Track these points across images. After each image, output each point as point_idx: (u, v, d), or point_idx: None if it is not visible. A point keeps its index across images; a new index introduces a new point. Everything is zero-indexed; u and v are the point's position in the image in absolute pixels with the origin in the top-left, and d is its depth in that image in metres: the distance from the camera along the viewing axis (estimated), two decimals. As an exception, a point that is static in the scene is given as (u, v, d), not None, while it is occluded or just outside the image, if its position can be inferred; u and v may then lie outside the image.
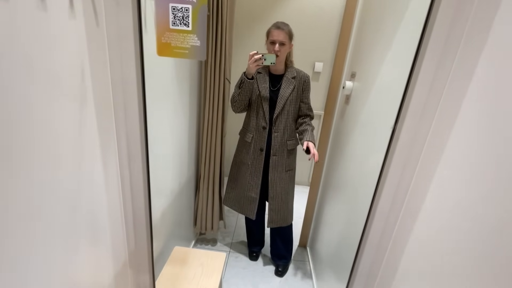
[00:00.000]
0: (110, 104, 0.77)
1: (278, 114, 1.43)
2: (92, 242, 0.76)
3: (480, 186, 0.57)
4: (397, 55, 0.95)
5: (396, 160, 0.81)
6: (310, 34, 2.41)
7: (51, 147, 0.56)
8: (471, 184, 0.59)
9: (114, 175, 0.83)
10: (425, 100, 0.74)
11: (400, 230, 0.84)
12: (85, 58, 0.64)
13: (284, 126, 1.45)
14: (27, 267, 0.54)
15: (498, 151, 0.53)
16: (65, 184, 0.62)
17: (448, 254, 0.63)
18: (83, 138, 0.67)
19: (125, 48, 0.75)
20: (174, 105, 1.30)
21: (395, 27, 0.98)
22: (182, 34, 0.71)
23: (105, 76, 0.74)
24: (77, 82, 0.63)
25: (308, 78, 1.46)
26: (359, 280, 1.00)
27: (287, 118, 1.45)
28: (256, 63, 1.28)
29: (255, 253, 1.87)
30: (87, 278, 0.76)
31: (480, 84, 0.60)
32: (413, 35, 0.77)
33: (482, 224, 0.55)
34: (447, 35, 0.68)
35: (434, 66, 0.71)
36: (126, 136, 0.83)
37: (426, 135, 0.75)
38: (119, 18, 0.72)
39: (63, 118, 0.59)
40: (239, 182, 1.57)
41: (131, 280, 1.02)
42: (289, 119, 1.46)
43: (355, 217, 1.14)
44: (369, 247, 0.94)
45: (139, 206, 0.92)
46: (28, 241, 0.53)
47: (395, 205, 0.86)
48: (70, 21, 0.58)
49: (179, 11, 0.69)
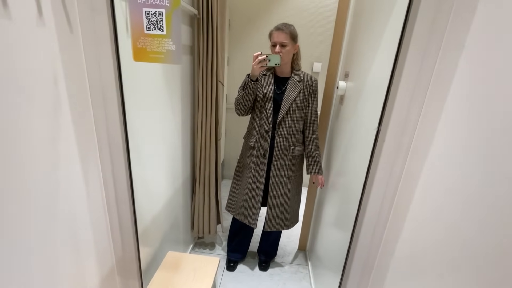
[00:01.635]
0: (89, 110, 0.77)
1: (282, 118, 1.38)
2: (74, 249, 0.76)
3: (467, 183, 0.53)
4: (385, 54, 0.92)
5: (383, 161, 0.78)
6: (308, 34, 2.38)
7: (22, 154, 0.56)
8: (458, 181, 0.56)
9: (96, 181, 0.83)
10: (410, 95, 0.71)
11: (390, 229, 0.81)
12: (58, 65, 0.64)
13: (288, 131, 1.40)
14: (2, 279, 0.54)
15: (482, 146, 0.50)
16: (40, 190, 0.62)
17: (435, 250, 0.60)
18: (59, 144, 0.67)
19: (103, 53, 0.75)
20: (165, 109, 1.29)
21: (384, 25, 0.95)
22: (157, 38, 0.70)
23: (82, 82, 0.74)
24: (50, 89, 0.63)
25: (315, 82, 1.41)
26: (352, 279, 0.97)
27: (292, 123, 1.40)
28: (260, 64, 1.24)
29: (233, 262, 1.77)
30: (69, 285, 0.75)
31: (462, 81, 0.57)
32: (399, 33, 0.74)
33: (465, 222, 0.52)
34: (429, 32, 0.65)
35: (418, 65, 0.68)
36: (108, 140, 0.83)
37: (412, 135, 0.72)
38: (95, 24, 0.72)
39: (33, 125, 0.59)
40: (242, 188, 1.54)
41: (120, 286, 1.02)
42: (293, 124, 1.40)
43: (351, 219, 1.10)
44: (360, 246, 0.91)
45: (125, 212, 0.92)
46: (1, 250, 0.53)
47: (384, 205, 0.83)
48: (39, 29, 0.58)
49: (153, 16, 0.69)
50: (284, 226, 1.58)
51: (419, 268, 0.66)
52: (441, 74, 0.64)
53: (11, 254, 0.56)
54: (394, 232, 0.78)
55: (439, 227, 0.60)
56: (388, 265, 0.80)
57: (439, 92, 0.64)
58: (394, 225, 0.79)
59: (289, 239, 2.08)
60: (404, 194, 0.75)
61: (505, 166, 0.45)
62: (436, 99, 0.64)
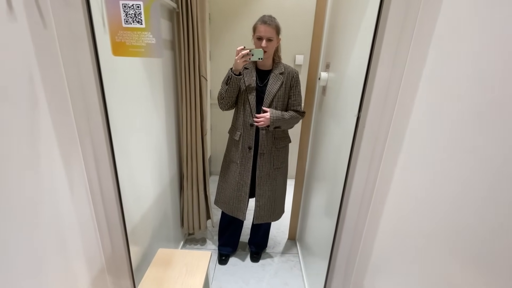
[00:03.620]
0: (68, 108, 0.75)
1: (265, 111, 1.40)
2: (61, 250, 0.75)
3: (444, 164, 0.57)
4: (363, 42, 0.95)
5: (364, 145, 0.81)
6: (289, 26, 2.40)
7: (0, 155, 0.55)
8: (436, 161, 0.59)
9: (80, 180, 0.81)
10: (388, 82, 0.74)
11: (373, 212, 0.85)
12: (32, 62, 0.62)
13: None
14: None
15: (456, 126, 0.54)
16: (21, 192, 0.60)
17: (414, 227, 0.64)
18: (38, 144, 0.65)
19: (80, 49, 0.73)
20: (148, 105, 1.27)
21: (361, 14, 0.98)
22: (136, 32, 0.69)
23: (60, 79, 0.72)
24: (26, 87, 0.61)
25: (296, 74, 1.43)
26: (340, 262, 1.01)
27: None
28: (243, 58, 1.25)
29: (224, 256, 1.79)
30: (58, 287, 0.74)
31: (432, 67, 0.60)
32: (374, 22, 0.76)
33: (440, 210, 0.56)
34: (403, 19, 0.68)
35: (393, 51, 0.71)
36: (90, 138, 0.81)
37: (390, 120, 0.76)
38: (70, 19, 0.70)
39: (10, 125, 0.57)
40: (229, 182, 1.55)
41: (111, 285, 1.01)
42: None
43: (337, 205, 1.14)
44: (346, 230, 0.95)
45: (112, 210, 0.91)
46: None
47: (366, 188, 0.87)
48: (10, 24, 0.56)
49: (130, 9, 0.68)
50: (273, 218, 1.61)
51: (401, 247, 0.70)
52: (413, 60, 0.67)
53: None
54: (377, 214, 0.82)
55: (417, 204, 0.63)
56: (372, 247, 0.85)
57: (413, 78, 0.67)
58: (377, 208, 0.83)
59: (278, 230, 2.12)
60: (385, 176, 0.79)
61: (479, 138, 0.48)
62: (411, 84, 0.68)
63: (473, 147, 0.48)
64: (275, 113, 1.37)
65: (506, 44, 0.43)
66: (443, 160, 0.55)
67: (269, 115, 1.36)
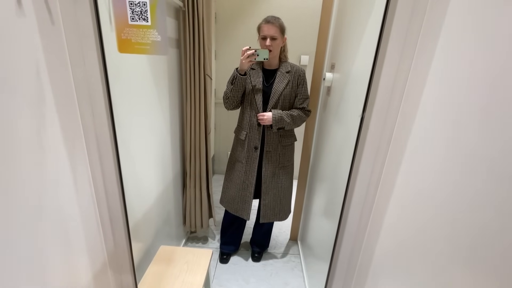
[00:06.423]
0: (74, 103, 0.76)
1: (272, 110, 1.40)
2: (64, 245, 0.76)
3: (450, 165, 0.56)
4: (368, 43, 0.94)
5: (368, 146, 0.81)
6: (295, 26, 2.39)
7: (6, 149, 0.55)
8: (440, 163, 0.59)
9: (84, 175, 0.82)
10: (392, 83, 0.73)
11: (376, 213, 0.85)
12: (40, 57, 0.63)
13: None
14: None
15: (463, 125, 0.53)
16: (26, 186, 0.61)
17: (416, 230, 0.63)
18: (44, 139, 0.66)
19: (87, 45, 0.74)
20: (153, 103, 1.28)
21: (368, 14, 0.97)
22: (142, 29, 0.70)
23: (67, 75, 0.73)
24: (33, 81, 0.62)
25: (303, 72, 1.43)
26: (341, 263, 1.01)
27: None
28: (249, 58, 1.26)
29: (226, 255, 1.79)
30: (60, 280, 0.75)
31: (439, 67, 0.60)
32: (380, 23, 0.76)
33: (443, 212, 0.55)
34: (409, 21, 0.67)
35: (399, 52, 0.70)
36: (95, 134, 0.82)
37: (394, 121, 0.75)
38: (77, 15, 0.71)
39: (17, 119, 0.58)
40: (234, 182, 1.55)
41: (113, 280, 1.02)
42: None
43: (339, 207, 1.14)
44: (348, 232, 0.95)
45: (115, 206, 0.92)
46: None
47: (369, 190, 0.86)
48: (19, 19, 0.57)
49: (137, 6, 0.68)
50: (279, 217, 1.60)
51: (403, 248, 0.69)
52: (419, 61, 0.66)
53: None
54: (379, 216, 0.82)
55: (420, 208, 0.63)
56: (374, 248, 0.84)
57: (419, 77, 0.66)
58: (379, 209, 0.82)
59: (280, 230, 2.12)
60: (388, 179, 0.78)
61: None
62: (416, 84, 0.67)
63: (479, 149, 0.48)
64: (277, 113, 1.37)
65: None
66: (449, 163, 0.55)
67: (271, 114, 1.36)
